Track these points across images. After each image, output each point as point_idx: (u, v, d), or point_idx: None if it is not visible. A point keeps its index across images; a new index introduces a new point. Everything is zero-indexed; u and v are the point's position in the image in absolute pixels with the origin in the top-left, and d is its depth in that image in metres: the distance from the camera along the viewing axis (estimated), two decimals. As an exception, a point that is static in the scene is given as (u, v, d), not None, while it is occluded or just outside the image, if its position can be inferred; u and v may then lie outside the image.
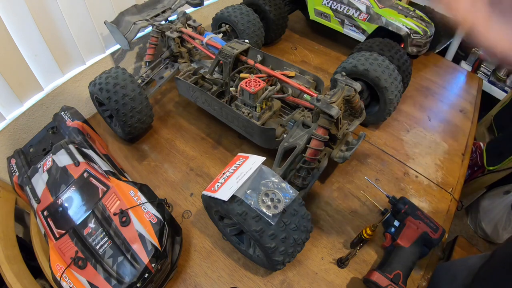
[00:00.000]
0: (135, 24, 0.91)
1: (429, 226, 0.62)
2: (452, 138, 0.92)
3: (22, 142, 0.83)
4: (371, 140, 0.90)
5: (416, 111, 1.00)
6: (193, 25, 0.95)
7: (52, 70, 0.86)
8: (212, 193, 0.54)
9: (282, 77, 0.75)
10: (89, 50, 0.93)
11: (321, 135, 0.62)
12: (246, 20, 1.01)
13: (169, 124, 0.96)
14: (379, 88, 0.78)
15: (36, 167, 0.67)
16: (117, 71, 0.79)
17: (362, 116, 0.76)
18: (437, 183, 0.80)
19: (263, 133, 0.72)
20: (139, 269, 0.53)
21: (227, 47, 0.79)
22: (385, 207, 0.72)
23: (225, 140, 0.90)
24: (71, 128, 0.78)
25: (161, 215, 0.59)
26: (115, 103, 0.76)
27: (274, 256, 0.52)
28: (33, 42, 0.77)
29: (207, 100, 0.80)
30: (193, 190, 0.79)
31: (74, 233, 0.58)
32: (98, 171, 0.66)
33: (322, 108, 0.59)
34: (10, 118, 0.81)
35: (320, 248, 0.68)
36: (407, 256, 0.60)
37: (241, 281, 0.64)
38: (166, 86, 1.07)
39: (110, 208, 0.60)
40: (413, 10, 1.07)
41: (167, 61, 0.96)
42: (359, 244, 0.60)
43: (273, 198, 0.51)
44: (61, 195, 0.62)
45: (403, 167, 0.84)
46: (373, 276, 0.57)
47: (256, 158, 0.57)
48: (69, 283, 0.54)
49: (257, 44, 1.08)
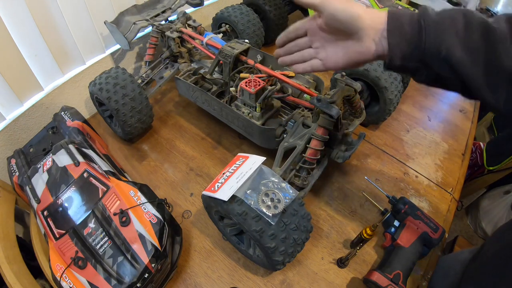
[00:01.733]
0: (135, 24, 0.91)
1: (429, 226, 0.62)
2: (452, 138, 0.92)
3: (22, 142, 0.82)
4: (371, 140, 0.90)
5: (416, 111, 1.00)
6: (193, 25, 0.95)
7: (52, 70, 0.86)
8: (212, 193, 0.54)
9: (282, 77, 0.75)
10: (89, 50, 0.93)
11: (321, 135, 0.62)
12: (246, 20, 1.01)
13: (169, 124, 0.96)
14: (379, 88, 0.78)
15: (36, 167, 0.67)
16: (117, 71, 0.79)
17: (362, 116, 0.76)
18: (437, 183, 0.80)
19: (263, 133, 0.72)
20: (139, 269, 0.53)
21: (227, 47, 0.79)
22: (385, 207, 0.72)
23: (225, 140, 0.90)
24: (71, 128, 0.78)
25: (161, 215, 0.59)
26: (115, 103, 0.76)
27: (274, 256, 0.52)
28: (33, 42, 0.77)
29: (207, 100, 0.80)
30: (193, 190, 0.79)
31: (74, 233, 0.58)
32: (98, 171, 0.66)
33: (322, 108, 0.59)
34: (10, 118, 0.81)
35: (320, 248, 0.68)
36: (407, 256, 0.60)
37: (241, 281, 0.64)
38: (166, 86, 1.07)
39: (110, 208, 0.60)
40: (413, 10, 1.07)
41: (167, 61, 0.96)
42: (359, 244, 0.60)
43: (273, 198, 0.51)
44: (61, 195, 0.62)
45: (403, 167, 0.84)
46: (373, 276, 0.57)
47: (256, 158, 0.57)
48: (69, 283, 0.54)
49: (257, 44, 1.08)
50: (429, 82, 0.41)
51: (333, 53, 0.45)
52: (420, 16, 0.38)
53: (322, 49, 0.46)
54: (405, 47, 0.38)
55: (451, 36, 0.35)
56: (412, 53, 0.38)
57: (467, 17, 0.36)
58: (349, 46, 0.43)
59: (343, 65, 0.45)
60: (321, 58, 0.47)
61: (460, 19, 0.36)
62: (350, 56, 0.43)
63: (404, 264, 0.59)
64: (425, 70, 0.39)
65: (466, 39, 0.35)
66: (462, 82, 0.37)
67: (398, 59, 0.39)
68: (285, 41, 0.50)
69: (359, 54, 0.42)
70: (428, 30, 0.36)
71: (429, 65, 0.38)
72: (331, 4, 0.41)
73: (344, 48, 0.43)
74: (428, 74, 0.39)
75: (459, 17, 0.36)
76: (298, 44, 0.49)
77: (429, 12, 0.37)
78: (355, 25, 0.40)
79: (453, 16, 0.36)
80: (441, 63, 0.37)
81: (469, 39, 0.35)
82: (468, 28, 0.35)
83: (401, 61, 0.39)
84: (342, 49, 0.44)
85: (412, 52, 0.38)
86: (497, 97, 0.35)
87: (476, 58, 0.35)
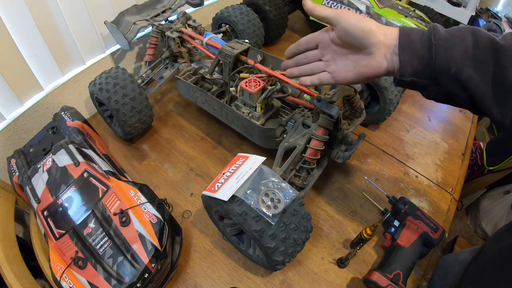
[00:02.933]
0: (135, 24, 0.91)
1: (429, 226, 0.62)
2: (452, 138, 0.92)
3: (22, 142, 0.82)
4: (371, 140, 0.90)
5: (416, 111, 1.00)
6: (193, 25, 0.95)
7: (52, 70, 0.86)
8: (212, 193, 0.54)
9: (282, 77, 0.75)
10: (89, 50, 0.93)
11: (321, 135, 0.62)
12: (246, 20, 1.01)
13: (169, 124, 0.96)
14: (379, 88, 0.78)
15: (36, 167, 0.67)
16: (117, 71, 0.79)
17: (362, 116, 0.77)
18: (437, 183, 0.80)
19: (263, 133, 0.72)
20: (139, 269, 0.53)
21: (227, 47, 0.79)
22: (385, 207, 0.72)
23: (225, 140, 0.90)
24: (71, 128, 0.78)
25: (161, 215, 0.59)
26: (115, 103, 0.76)
27: (274, 256, 0.52)
28: (33, 42, 0.77)
29: (207, 100, 0.80)
30: (193, 190, 0.79)
31: (74, 233, 0.58)
32: (98, 171, 0.66)
33: (322, 108, 0.59)
34: (10, 118, 0.81)
35: (320, 248, 0.68)
36: (407, 256, 0.60)
37: (241, 281, 0.64)
38: (166, 86, 1.07)
39: (110, 208, 0.60)
40: (413, 10, 1.07)
41: (167, 61, 0.96)
42: (359, 244, 0.60)
43: (273, 198, 0.51)
44: (61, 195, 0.62)
45: (403, 167, 0.84)
46: (373, 276, 0.57)
47: (256, 158, 0.57)
48: (69, 283, 0.54)
49: (257, 44, 1.08)
50: (438, 99, 0.42)
51: (343, 66, 0.45)
52: (431, 33, 0.38)
53: (333, 62, 0.47)
54: (416, 63, 0.39)
55: (460, 53, 0.36)
56: (423, 70, 0.39)
57: (475, 34, 0.37)
58: (360, 60, 0.43)
59: (353, 79, 0.45)
60: (331, 71, 0.47)
61: (469, 37, 0.37)
62: (360, 70, 0.43)
63: (404, 264, 0.59)
64: (435, 87, 0.39)
65: (475, 56, 0.36)
66: (471, 98, 0.37)
67: (408, 75, 0.40)
68: (295, 52, 0.50)
69: (370, 69, 0.42)
70: (439, 47, 0.37)
71: (439, 82, 0.38)
72: (345, 17, 0.41)
73: (355, 62, 0.44)
74: (438, 91, 0.40)
75: (468, 34, 0.37)
76: (308, 57, 0.49)
77: (439, 30, 0.38)
78: (367, 40, 0.40)
79: (462, 34, 0.37)
80: (451, 80, 0.37)
81: (478, 56, 0.36)
82: (476, 45, 0.36)
83: (411, 77, 0.40)
84: (353, 63, 0.44)
85: (423, 69, 0.39)
86: (504, 113, 0.36)
87: (484, 75, 0.35)
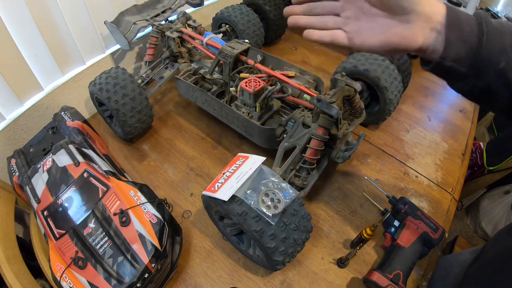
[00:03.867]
0: (135, 24, 0.91)
1: (429, 226, 0.62)
2: (452, 138, 0.92)
3: (22, 142, 0.82)
4: (371, 140, 0.90)
5: (416, 111, 1.00)
6: (193, 25, 0.95)
7: (52, 70, 0.86)
8: (212, 193, 0.54)
9: (282, 77, 0.75)
10: (89, 50, 0.93)
11: (321, 135, 0.62)
12: (246, 20, 1.01)
13: (169, 124, 0.96)
14: (379, 88, 0.78)
15: (36, 167, 0.67)
16: (117, 71, 0.79)
17: (362, 116, 0.77)
18: (437, 183, 0.80)
19: (263, 133, 0.72)
20: (139, 269, 0.53)
21: (227, 47, 0.79)
22: (385, 207, 0.72)
23: (225, 140, 0.90)
24: (71, 128, 0.78)
25: (161, 215, 0.59)
26: (115, 103, 0.76)
27: (274, 256, 0.52)
28: (33, 42, 0.77)
29: (207, 100, 0.80)
30: (193, 190, 0.79)
31: (74, 233, 0.58)
32: (98, 171, 0.66)
33: (322, 108, 0.59)
34: (10, 118, 0.81)
35: (320, 248, 0.68)
36: (407, 256, 0.60)
37: (241, 281, 0.64)
38: (166, 86, 1.07)
39: (110, 208, 0.60)
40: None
41: (167, 61, 0.96)
42: (359, 244, 0.60)
43: (273, 198, 0.51)
44: (61, 195, 0.62)
45: (403, 167, 0.84)
46: (373, 276, 0.57)
47: (256, 158, 0.57)
48: (69, 283, 0.54)
49: (257, 44, 1.08)
50: (472, 94, 0.37)
51: (367, 29, 0.38)
52: (482, 19, 0.34)
53: (354, 20, 0.38)
54: (462, 48, 0.34)
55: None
56: (467, 57, 0.34)
57: None
58: (392, 26, 0.36)
59: (376, 46, 0.37)
60: (349, 30, 0.39)
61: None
62: (388, 38, 0.36)
63: (404, 264, 0.59)
64: (473, 78, 0.35)
65: None
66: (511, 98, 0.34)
67: (450, 59, 0.35)
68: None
69: (402, 40, 0.35)
70: (490, 36, 0.33)
71: (481, 74, 0.34)
72: None
73: (384, 27, 0.36)
74: (475, 85, 0.35)
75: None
76: (324, 7, 0.41)
77: (489, 18, 0.34)
78: (412, 5, 0.34)
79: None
80: (496, 74, 0.33)
81: None
82: None
83: (452, 62, 0.35)
84: (381, 27, 0.36)
85: (466, 55, 0.34)
86: None
87: None
